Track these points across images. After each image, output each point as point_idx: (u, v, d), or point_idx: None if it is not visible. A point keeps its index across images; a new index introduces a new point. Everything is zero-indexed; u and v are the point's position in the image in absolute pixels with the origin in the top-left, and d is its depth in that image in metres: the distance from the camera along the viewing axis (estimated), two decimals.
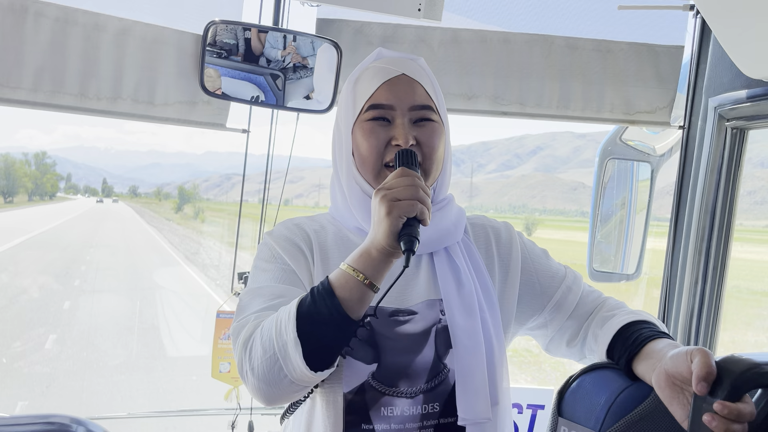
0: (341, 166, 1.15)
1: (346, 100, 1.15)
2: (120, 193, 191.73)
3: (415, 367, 1.06)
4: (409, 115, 1.10)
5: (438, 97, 1.15)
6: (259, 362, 0.97)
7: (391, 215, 0.94)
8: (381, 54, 1.17)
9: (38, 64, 1.55)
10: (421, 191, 0.96)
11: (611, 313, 1.13)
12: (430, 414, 1.06)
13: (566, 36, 1.85)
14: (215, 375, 1.95)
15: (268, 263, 1.12)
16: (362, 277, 0.96)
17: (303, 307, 0.96)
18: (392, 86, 1.11)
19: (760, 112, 1.60)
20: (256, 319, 1.02)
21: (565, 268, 1.25)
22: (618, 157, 2.08)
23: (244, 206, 1.96)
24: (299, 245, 1.12)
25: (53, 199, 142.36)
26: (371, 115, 1.10)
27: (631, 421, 0.93)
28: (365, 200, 1.12)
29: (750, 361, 0.80)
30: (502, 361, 1.13)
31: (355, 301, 0.96)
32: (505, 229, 1.25)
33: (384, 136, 1.09)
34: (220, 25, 1.62)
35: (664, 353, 0.94)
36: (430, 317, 1.09)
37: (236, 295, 1.98)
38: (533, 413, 1.88)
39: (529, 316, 1.21)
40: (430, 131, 1.11)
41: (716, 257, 1.75)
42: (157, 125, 1.74)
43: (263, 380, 0.97)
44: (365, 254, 0.97)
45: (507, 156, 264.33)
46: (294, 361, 0.94)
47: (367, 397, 1.04)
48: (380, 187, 0.98)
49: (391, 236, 0.94)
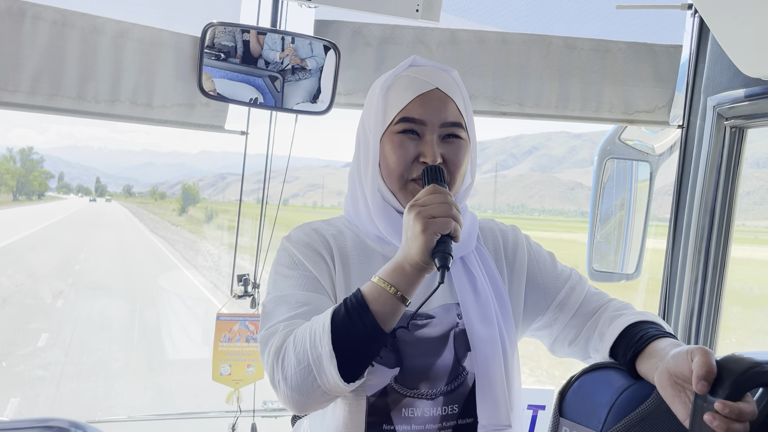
0: (366, 173, 1.16)
1: (377, 108, 1.14)
2: (114, 192, 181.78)
3: (436, 369, 1.09)
4: (438, 131, 1.11)
5: (468, 112, 1.17)
6: (292, 372, 0.99)
7: (426, 232, 0.96)
8: (415, 61, 1.17)
9: (36, 67, 1.55)
10: (454, 209, 0.99)
11: (618, 313, 1.14)
12: (450, 415, 1.09)
13: (564, 36, 1.85)
14: (216, 378, 1.95)
15: (290, 269, 1.12)
16: (395, 291, 0.98)
17: (337, 319, 0.98)
18: (425, 101, 1.11)
19: (758, 110, 1.60)
20: (285, 327, 1.04)
21: (570, 270, 1.26)
22: (617, 157, 2.08)
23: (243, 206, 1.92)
24: (320, 251, 1.13)
25: (42, 198, 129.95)
26: (402, 127, 1.11)
27: (632, 421, 0.93)
28: (388, 211, 1.14)
29: (751, 360, 0.80)
30: (515, 365, 1.15)
31: (388, 314, 0.98)
32: (513, 232, 1.27)
33: (413, 151, 1.10)
34: (218, 27, 1.62)
35: (667, 352, 0.94)
36: (447, 321, 1.12)
37: (236, 297, 1.98)
38: (534, 414, 1.87)
39: (534, 316, 1.22)
40: (456, 149, 1.12)
41: (716, 256, 1.75)
42: (153, 126, 1.73)
43: (296, 390, 0.99)
44: (398, 268, 0.99)
45: (503, 156, 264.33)
46: (329, 373, 0.96)
47: (389, 400, 1.07)
48: (413, 203, 1.00)
49: (425, 252, 0.96)
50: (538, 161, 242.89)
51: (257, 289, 1.97)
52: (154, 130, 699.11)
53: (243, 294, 1.97)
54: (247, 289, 1.97)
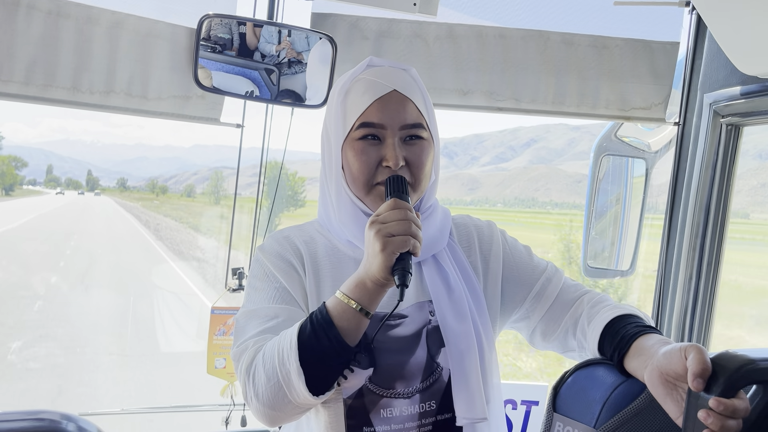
0: (330, 179, 1.16)
1: (336, 114, 1.14)
2: (107, 186, 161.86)
3: (410, 367, 1.10)
4: (399, 134, 1.11)
5: (428, 111, 1.16)
6: (263, 389, 1.01)
7: (385, 251, 0.98)
8: (372, 62, 1.16)
9: (30, 58, 1.53)
10: (413, 225, 1.00)
11: (595, 309, 1.14)
12: (428, 412, 1.10)
13: (562, 32, 1.84)
14: (210, 371, 1.95)
15: (262, 282, 1.14)
16: (357, 306, 1.00)
17: (303, 336, 1.00)
18: (383, 104, 1.11)
19: (754, 108, 1.60)
20: (255, 344, 1.05)
21: (547, 263, 1.27)
22: (613, 154, 2.08)
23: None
24: (291, 261, 1.15)
25: (10, 194, 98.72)
26: (362, 133, 1.11)
27: (626, 417, 0.93)
28: (356, 215, 1.14)
29: (745, 357, 0.80)
30: (492, 359, 1.16)
31: (352, 329, 1.01)
32: (488, 227, 1.28)
33: (375, 156, 1.11)
34: (215, 19, 1.61)
35: (655, 350, 0.94)
36: (420, 319, 1.13)
37: (230, 290, 1.97)
38: (527, 409, 1.88)
39: (512, 309, 1.23)
40: (419, 150, 1.12)
41: (710, 253, 1.76)
42: (146, 118, 1.72)
43: (268, 405, 1.02)
44: (360, 284, 1.01)
45: (501, 148, 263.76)
46: (297, 388, 0.99)
47: (366, 401, 1.08)
48: (373, 219, 1.01)
49: (385, 270, 0.98)
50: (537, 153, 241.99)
51: None
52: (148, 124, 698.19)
53: (237, 287, 1.97)
54: (242, 283, 1.96)
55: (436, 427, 1.10)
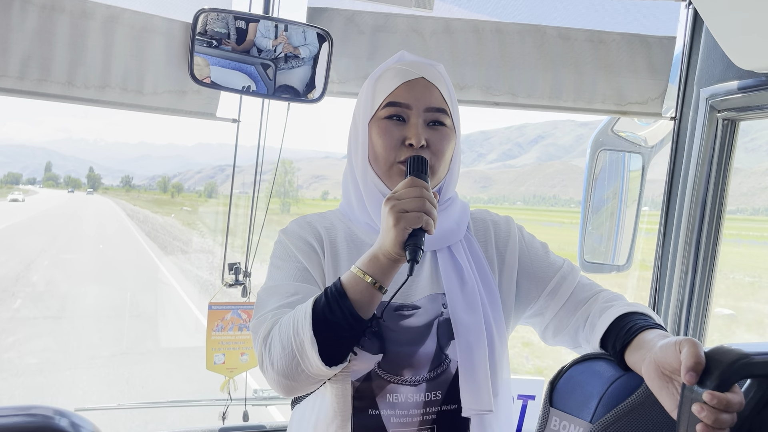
0: (356, 161, 1.20)
1: (366, 97, 1.20)
2: (110, 185, 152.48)
3: (419, 357, 1.12)
4: (423, 116, 1.15)
5: (453, 103, 1.20)
6: (278, 358, 1.04)
7: (398, 226, 1.00)
8: (403, 56, 1.22)
9: (25, 52, 1.52)
10: (428, 203, 1.02)
11: (609, 304, 1.16)
12: (433, 401, 1.12)
13: (559, 26, 1.84)
14: (209, 367, 1.95)
15: (283, 261, 1.18)
16: (371, 280, 1.03)
17: (318, 307, 1.03)
18: (410, 87, 1.16)
19: (751, 103, 1.60)
20: (273, 316, 1.09)
21: (563, 260, 1.28)
22: (609, 148, 2.08)
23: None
24: (311, 243, 1.19)
25: None
26: (388, 112, 1.16)
27: (622, 412, 0.94)
28: (379, 198, 1.17)
29: (739, 351, 0.80)
30: (503, 353, 1.18)
31: (365, 303, 1.03)
32: (505, 222, 1.30)
33: (398, 135, 1.15)
34: (210, 13, 1.60)
35: (654, 343, 0.95)
36: (433, 311, 1.15)
37: (227, 286, 1.97)
38: (524, 403, 1.88)
39: (526, 304, 1.24)
40: (441, 135, 1.16)
41: (706, 248, 1.76)
42: (147, 117, 1.72)
43: (283, 374, 1.05)
44: (374, 259, 1.03)
45: (507, 145, 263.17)
46: (311, 358, 1.01)
47: (373, 385, 1.10)
48: (390, 196, 1.04)
49: (397, 245, 1.00)
50: (545, 150, 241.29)
51: (248, 278, 1.96)
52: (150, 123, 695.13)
53: (234, 282, 1.97)
54: (238, 278, 1.96)
55: (440, 416, 1.12)
